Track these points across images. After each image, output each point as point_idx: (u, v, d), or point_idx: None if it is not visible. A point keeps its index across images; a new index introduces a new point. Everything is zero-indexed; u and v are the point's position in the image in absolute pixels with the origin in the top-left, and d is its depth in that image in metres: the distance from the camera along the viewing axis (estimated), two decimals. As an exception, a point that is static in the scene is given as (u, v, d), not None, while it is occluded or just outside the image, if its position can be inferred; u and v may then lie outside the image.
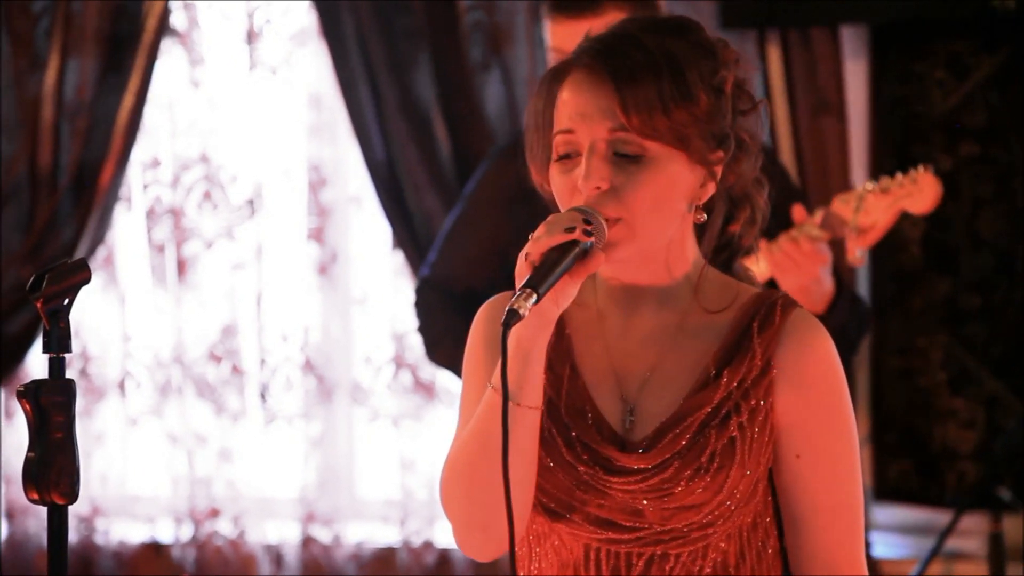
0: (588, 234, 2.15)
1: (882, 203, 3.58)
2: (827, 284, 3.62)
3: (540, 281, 2.13)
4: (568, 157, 2.25)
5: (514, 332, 2.18)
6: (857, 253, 3.58)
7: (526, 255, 2.15)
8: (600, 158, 2.21)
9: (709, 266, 2.34)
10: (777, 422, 2.26)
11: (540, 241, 2.15)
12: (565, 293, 2.18)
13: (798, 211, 3.62)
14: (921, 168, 3.60)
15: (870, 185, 3.61)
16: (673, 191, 2.23)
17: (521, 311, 2.11)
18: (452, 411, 4.99)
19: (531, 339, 2.19)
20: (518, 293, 2.12)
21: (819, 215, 3.59)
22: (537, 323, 2.18)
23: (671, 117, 2.20)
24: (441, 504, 2.30)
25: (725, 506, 2.23)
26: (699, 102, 2.22)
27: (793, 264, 3.56)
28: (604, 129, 2.21)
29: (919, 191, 3.59)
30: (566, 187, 2.24)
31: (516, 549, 2.33)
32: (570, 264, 2.15)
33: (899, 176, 3.59)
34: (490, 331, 2.31)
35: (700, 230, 2.34)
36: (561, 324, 2.31)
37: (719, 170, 2.27)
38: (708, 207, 2.31)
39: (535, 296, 2.12)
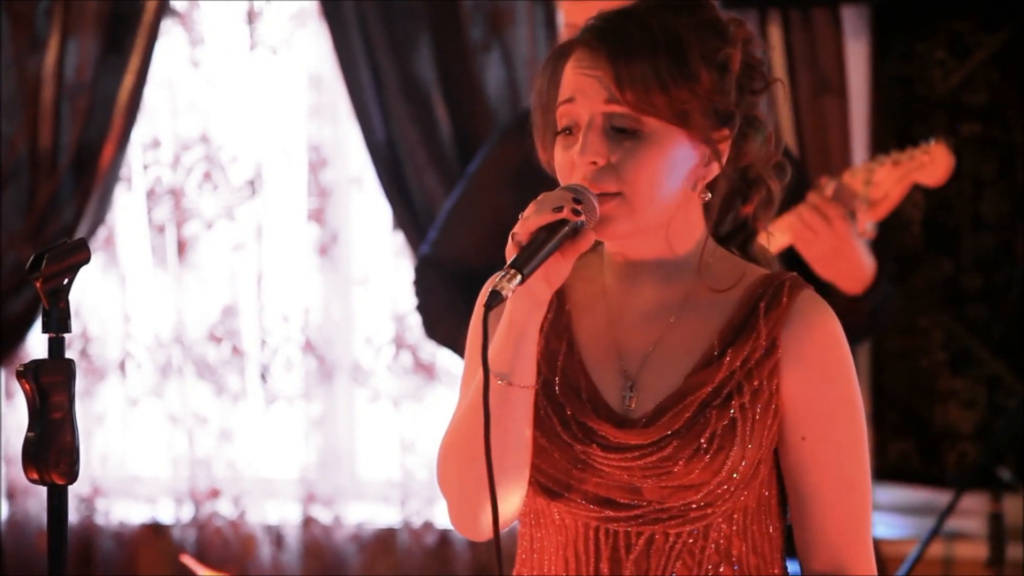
0: (577, 213, 2.15)
1: (893, 175, 3.57)
2: (863, 260, 3.59)
3: (526, 262, 2.12)
4: (569, 132, 2.25)
5: (507, 312, 2.19)
6: (867, 226, 3.57)
7: (513, 235, 2.15)
8: (596, 133, 2.22)
9: (716, 245, 2.33)
10: (782, 403, 2.25)
11: (528, 221, 2.15)
12: (557, 272, 2.18)
13: (820, 180, 3.61)
14: (933, 140, 3.58)
15: (881, 158, 3.60)
16: (674, 168, 2.23)
17: (504, 292, 2.11)
18: (453, 392, 4.99)
19: (524, 319, 2.19)
20: (502, 274, 2.12)
21: (830, 187, 3.58)
22: (529, 303, 2.18)
23: (669, 94, 2.19)
24: (438, 483, 2.31)
25: (725, 487, 2.22)
26: (700, 79, 2.21)
27: (811, 233, 3.55)
28: (600, 104, 2.21)
29: (931, 162, 3.57)
30: (566, 163, 2.25)
31: (519, 527, 2.34)
32: (558, 244, 2.15)
33: (910, 149, 3.58)
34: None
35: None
36: (561, 300, 2.31)
37: (724, 148, 2.26)
38: (712, 186, 2.29)
39: (519, 276, 2.11)
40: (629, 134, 2.21)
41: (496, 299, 2.11)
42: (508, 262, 2.13)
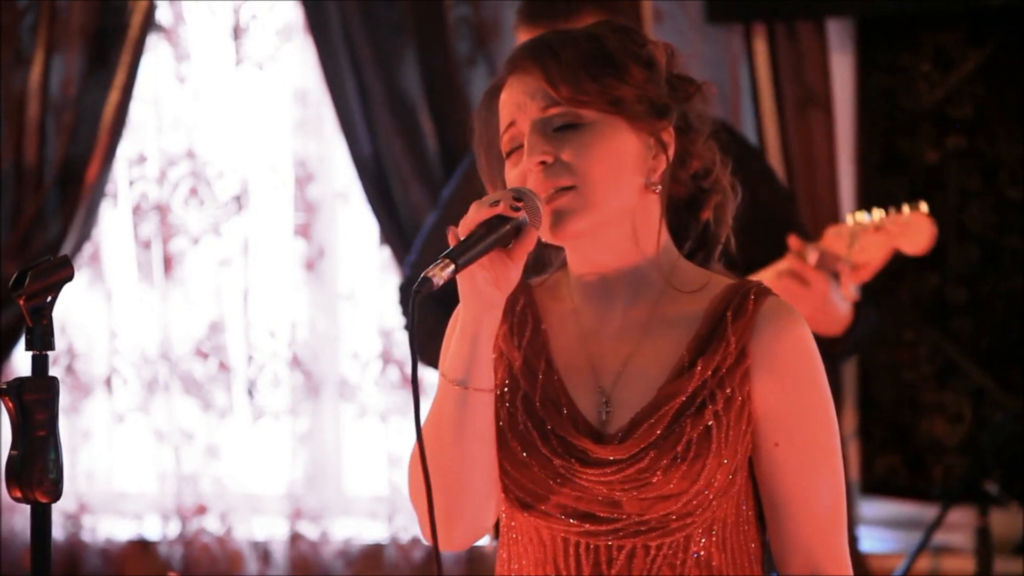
0: (516, 210, 2.17)
1: (877, 241, 3.58)
2: (841, 310, 3.61)
3: (461, 253, 2.14)
4: (515, 152, 2.28)
5: (460, 318, 2.22)
6: (851, 288, 3.59)
7: (450, 229, 2.18)
8: (538, 134, 2.25)
9: (680, 255, 2.36)
10: (755, 411, 2.27)
11: (468, 217, 2.18)
12: (505, 275, 2.20)
13: (794, 241, 3.61)
14: (907, 207, 3.58)
15: (863, 219, 3.59)
16: (620, 157, 2.26)
17: (435, 279, 2.11)
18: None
19: (476, 321, 2.22)
20: (436, 262, 2.13)
21: (813, 256, 3.57)
22: (478, 307, 2.21)
23: (599, 82, 2.25)
24: (409, 496, 2.31)
25: (703, 495, 2.23)
26: (628, 70, 2.26)
27: (792, 298, 3.56)
28: (537, 109, 2.26)
29: (913, 231, 3.58)
30: (518, 178, 2.28)
31: (500, 551, 2.35)
32: (497, 240, 2.16)
33: (892, 212, 3.58)
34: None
35: (674, 227, 2.36)
36: (537, 319, 2.34)
37: (668, 139, 2.29)
38: (665, 182, 2.31)
39: (453, 266, 2.13)
40: (571, 128, 2.25)
41: (425, 284, 2.11)
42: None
